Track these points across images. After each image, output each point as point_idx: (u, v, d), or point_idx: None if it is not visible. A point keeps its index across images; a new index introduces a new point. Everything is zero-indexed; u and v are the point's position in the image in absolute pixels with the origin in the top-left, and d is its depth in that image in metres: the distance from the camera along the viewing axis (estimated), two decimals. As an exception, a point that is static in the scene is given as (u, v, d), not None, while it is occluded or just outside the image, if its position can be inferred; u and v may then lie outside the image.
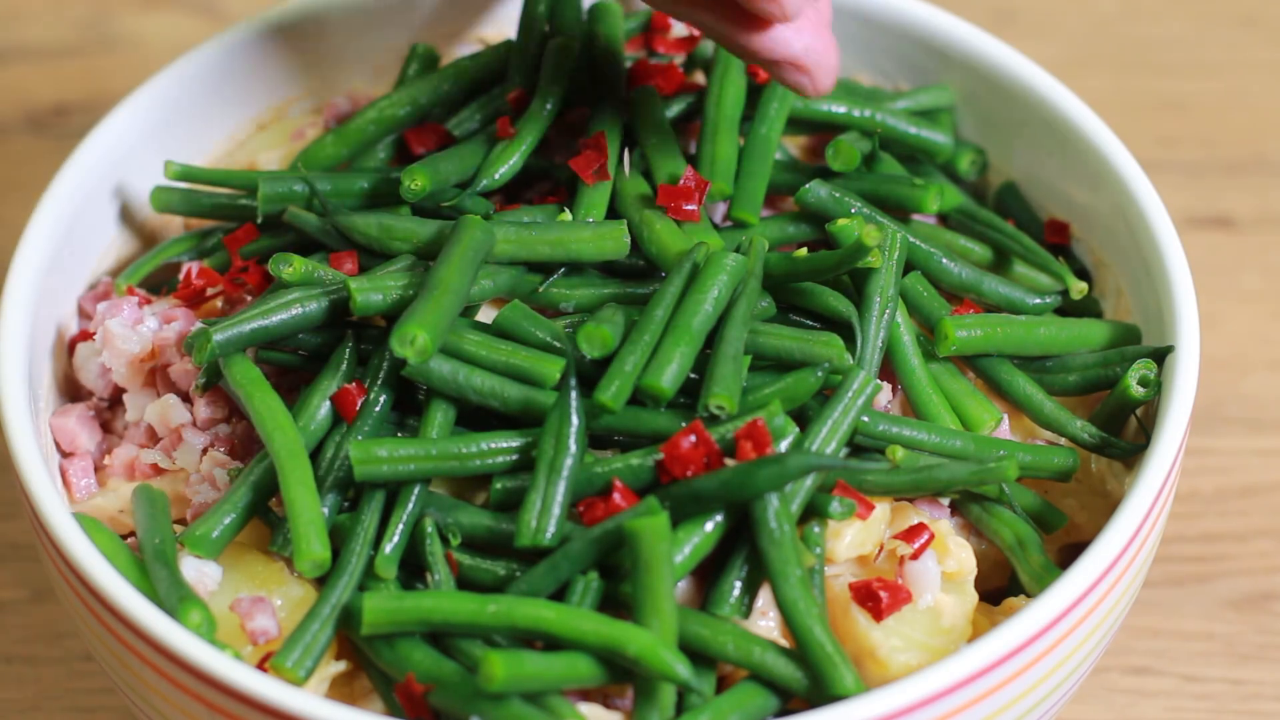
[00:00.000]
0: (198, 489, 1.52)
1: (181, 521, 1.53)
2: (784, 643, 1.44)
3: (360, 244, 1.55)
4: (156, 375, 1.57)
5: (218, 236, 1.65)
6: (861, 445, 1.50)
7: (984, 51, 1.70)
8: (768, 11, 1.49)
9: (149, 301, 1.60)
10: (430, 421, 1.47)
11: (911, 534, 1.48)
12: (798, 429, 1.47)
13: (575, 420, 1.44)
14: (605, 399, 1.45)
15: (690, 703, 1.41)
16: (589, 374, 1.48)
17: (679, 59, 1.71)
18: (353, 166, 1.65)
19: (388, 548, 1.44)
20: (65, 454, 1.58)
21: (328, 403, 1.49)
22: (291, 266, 1.52)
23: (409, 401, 1.50)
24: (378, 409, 1.48)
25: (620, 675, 1.40)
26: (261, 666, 1.43)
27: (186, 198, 1.65)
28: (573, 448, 1.44)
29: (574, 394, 1.45)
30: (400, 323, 1.44)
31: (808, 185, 1.59)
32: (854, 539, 1.47)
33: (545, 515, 1.43)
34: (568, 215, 1.57)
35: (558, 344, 1.49)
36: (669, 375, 1.46)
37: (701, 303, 1.48)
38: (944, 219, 1.67)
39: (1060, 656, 1.44)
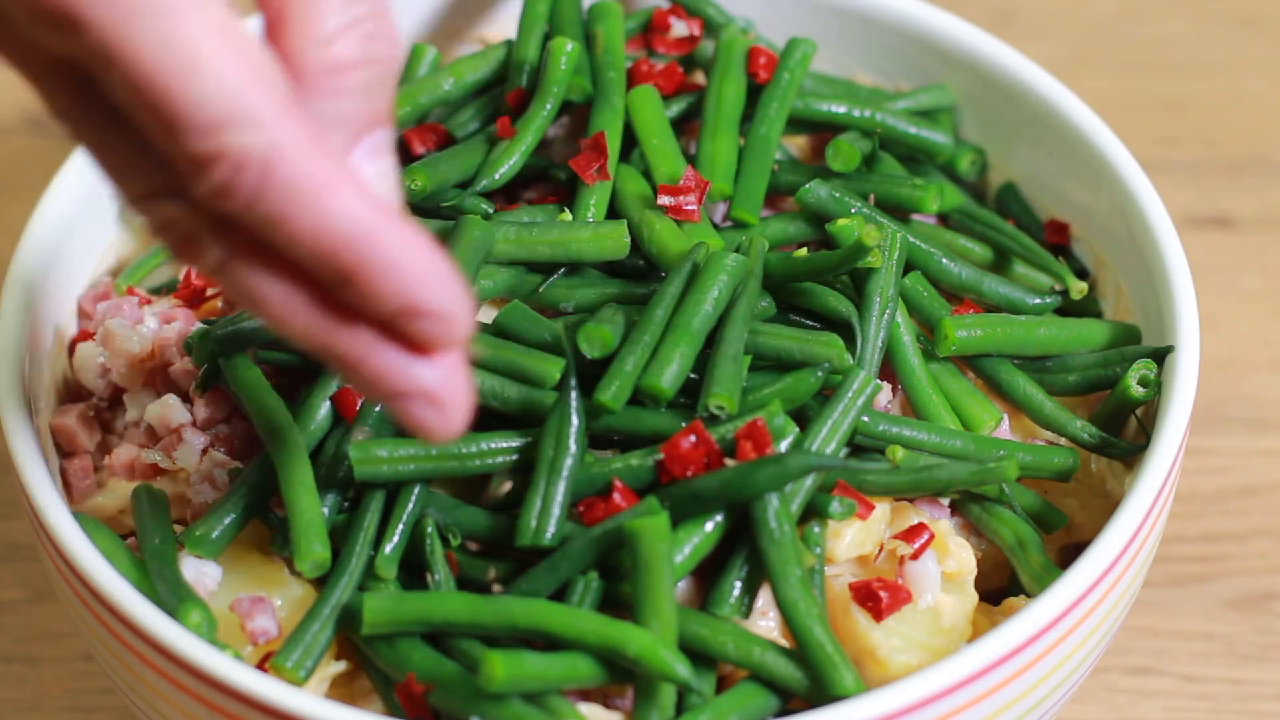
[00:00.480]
0: (198, 489, 1.52)
1: (181, 521, 1.53)
2: (784, 643, 1.44)
3: None
4: (156, 375, 1.57)
5: (218, 236, 1.65)
6: (861, 445, 1.50)
7: (984, 51, 1.70)
8: (430, 334, 1.23)
9: (149, 301, 1.60)
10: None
11: (911, 534, 1.48)
12: (798, 429, 1.47)
13: (575, 420, 1.44)
14: (606, 399, 1.45)
15: (690, 703, 1.41)
16: (589, 374, 1.48)
17: (679, 58, 1.71)
18: (353, 166, 1.65)
19: (388, 548, 1.44)
20: (65, 454, 1.58)
21: (328, 403, 1.49)
22: (292, 266, 1.52)
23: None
24: (378, 409, 1.48)
25: (620, 675, 1.40)
26: (261, 666, 1.43)
27: (186, 198, 1.65)
28: (573, 448, 1.44)
29: (574, 394, 1.45)
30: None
31: (808, 185, 1.59)
32: (854, 539, 1.47)
33: (545, 515, 1.43)
34: (568, 215, 1.57)
35: (558, 344, 1.49)
36: (669, 376, 1.46)
37: (702, 303, 1.48)
38: (944, 219, 1.67)
39: (1060, 656, 1.44)
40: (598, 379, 1.47)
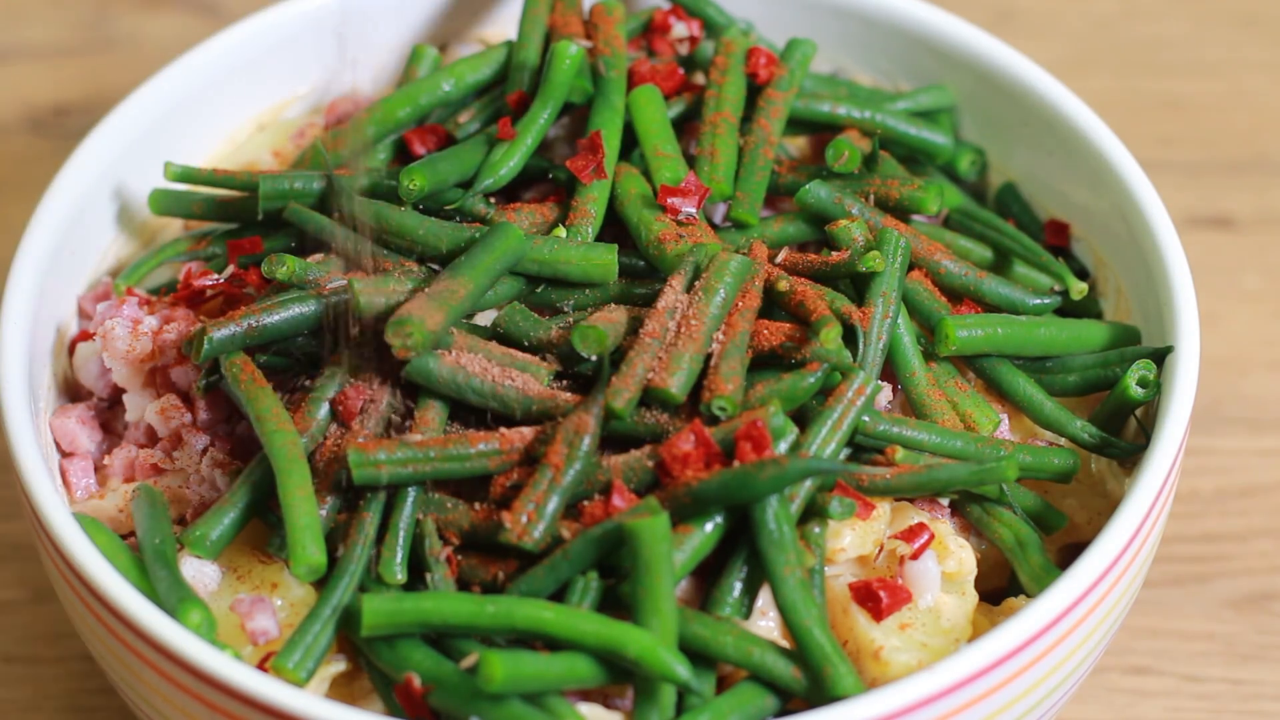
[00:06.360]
0: (198, 489, 1.52)
1: (181, 521, 1.53)
2: (784, 643, 1.44)
3: (399, 247, 1.54)
4: (156, 375, 1.57)
5: (218, 237, 1.64)
6: (862, 445, 1.50)
7: (984, 51, 1.70)
8: None
9: (149, 302, 1.60)
10: (425, 422, 1.47)
11: (911, 534, 1.48)
12: (797, 430, 1.47)
13: (572, 422, 1.44)
14: (618, 406, 1.44)
15: (690, 703, 1.41)
16: (590, 373, 1.48)
17: (679, 58, 1.71)
18: (353, 166, 1.65)
19: (389, 551, 1.44)
20: (65, 454, 1.58)
21: (326, 404, 1.49)
22: (285, 266, 1.52)
23: (410, 404, 1.50)
24: (378, 411, 1.48)
25: (620, 675, 1.40)
26: (261, 667, 1.43)
27: (185, 199, 1.64)
28: (567, 449, 1.44)
29: (569, 395, 1.45)
30: (400, 313, 1.44)
31: (808, 185, 1.59)
32: (854, 539, 1.47)
33: (536, 515, 1.43)
34: (562, 232, 1.56)
35: (555, 344, 1.49)
36: (679, 381, 1.45)
37: (708, 306, 1.48)
38: (944, 219, 1.67)
39: (1060, 656, 1.44)
40: (598, 377, 1.47)
